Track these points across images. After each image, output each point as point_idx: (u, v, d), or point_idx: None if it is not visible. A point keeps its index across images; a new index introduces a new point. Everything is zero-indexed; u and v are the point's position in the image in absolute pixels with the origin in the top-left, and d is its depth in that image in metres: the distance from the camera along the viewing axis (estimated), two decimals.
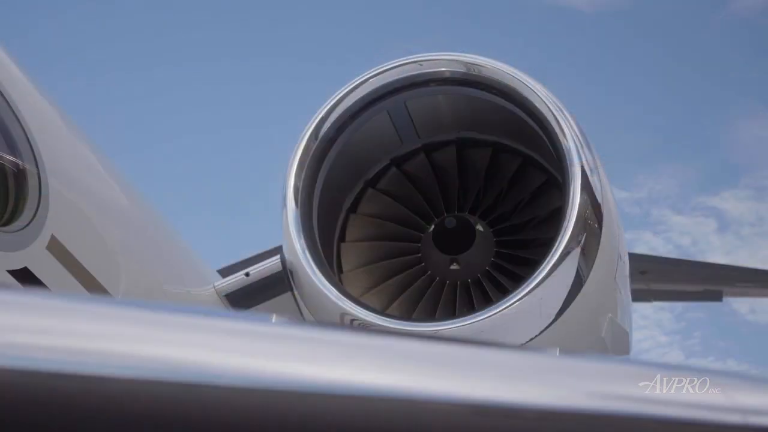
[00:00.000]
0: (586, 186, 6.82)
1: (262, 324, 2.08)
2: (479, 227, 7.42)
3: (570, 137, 6.84)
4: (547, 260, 6.67)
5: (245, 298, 7.45)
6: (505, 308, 6.61)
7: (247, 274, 7.47)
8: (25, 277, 5.28)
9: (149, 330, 2.03)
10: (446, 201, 7.54)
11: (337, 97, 7.18)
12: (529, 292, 6.62)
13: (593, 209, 6.88)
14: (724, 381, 2.22)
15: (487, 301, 7.10)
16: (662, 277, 13.62)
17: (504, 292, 7.02)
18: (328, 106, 7.18)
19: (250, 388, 1.97)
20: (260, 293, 7.43)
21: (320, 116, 7.17)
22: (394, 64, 7.17)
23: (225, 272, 10.03)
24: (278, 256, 7.32)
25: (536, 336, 6.72)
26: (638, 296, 13.11)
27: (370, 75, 7.17)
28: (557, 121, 6.88)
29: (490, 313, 6.62)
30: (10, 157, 5.42)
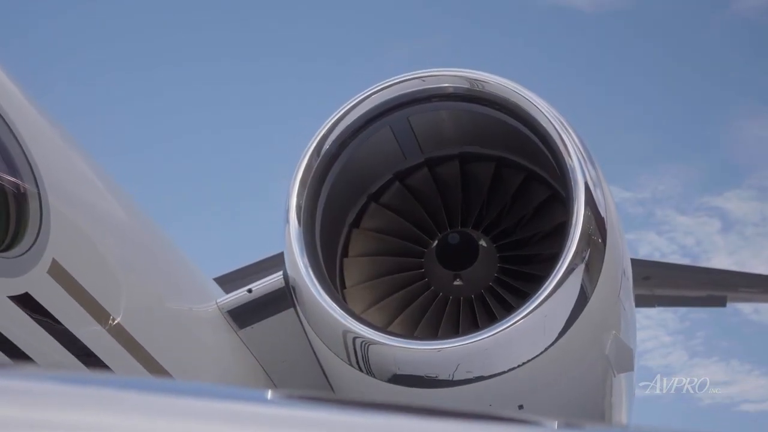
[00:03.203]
0: (590, 201, 6.78)
1: (254, 405, 2.00)
2: (482, 242, 7.37)
3: (574, 154, 6.80)
4: (551, 276, 6.62)
5: (248, 315, 7.42)
6: (509, 326, 6.56)
7: (249, 290, 7.43)
8: (27, 302, 5.25)
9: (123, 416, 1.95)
10: (449, 216, 7.49)
11: (339, 114, 7.13)
12: (534, 309, 6.57)
13: (597, 225, 6.83)
14: None
15: (491, 317, 7.06)
16: (665, 283, 13.56)
17: (507, 308, 6.98)
18: (330, 123, 7.13)
19: None
20: (263, 309, 7.40)
21: (322, 133, 7.12)
22: (397, 80, 7.12)
23: (222, 280, 10.05)
24: (281, 272, 7.28)
25: (540, 354, 6.67)
26: (642, 302, 13.04)
27: (373, 91, 7.12)
28: (561, 138, 6.84)
29: (494, 331, 6.57)
30: (11, 180, 5.38)
